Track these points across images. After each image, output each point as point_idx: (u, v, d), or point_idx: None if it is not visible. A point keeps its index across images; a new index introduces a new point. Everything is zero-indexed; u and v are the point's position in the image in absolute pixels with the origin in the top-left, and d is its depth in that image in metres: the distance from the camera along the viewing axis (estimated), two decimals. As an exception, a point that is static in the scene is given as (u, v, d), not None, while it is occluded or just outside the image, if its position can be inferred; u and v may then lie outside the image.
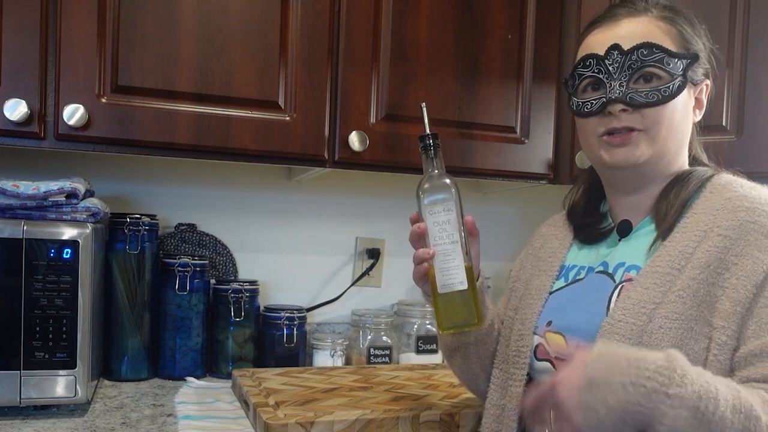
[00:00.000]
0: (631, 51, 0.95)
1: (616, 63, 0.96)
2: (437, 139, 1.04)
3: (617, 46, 0.96)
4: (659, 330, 0.85)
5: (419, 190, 1.02)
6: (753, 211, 0.88)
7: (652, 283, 0.89)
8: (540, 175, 1.61)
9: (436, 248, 0.99)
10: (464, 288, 0.98)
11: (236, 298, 1.56)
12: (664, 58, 0.94)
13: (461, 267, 0.98)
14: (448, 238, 0.99)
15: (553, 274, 1.06)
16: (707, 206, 0.93)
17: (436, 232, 0.99)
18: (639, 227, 1.00)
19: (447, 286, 0.99)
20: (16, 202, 1.22)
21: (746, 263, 0.85)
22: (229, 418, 1.23)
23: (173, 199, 1.69)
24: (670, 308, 0.86)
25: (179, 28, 1.31)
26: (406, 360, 1.73)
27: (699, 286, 0.86)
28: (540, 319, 1.02)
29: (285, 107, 1.39)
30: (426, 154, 1.04)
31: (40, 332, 1.18)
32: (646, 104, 0.94)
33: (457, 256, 0.98)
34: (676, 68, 0.94)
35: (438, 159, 1.03)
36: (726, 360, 0.83)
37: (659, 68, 0.94)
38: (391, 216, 1.87)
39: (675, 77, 0.94)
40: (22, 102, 1.20)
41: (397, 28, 1.46)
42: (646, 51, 0.94)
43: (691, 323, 0.85)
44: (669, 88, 0.94)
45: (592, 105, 0.98)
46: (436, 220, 0.99)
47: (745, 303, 0.83)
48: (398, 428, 1.14)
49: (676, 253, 0.90)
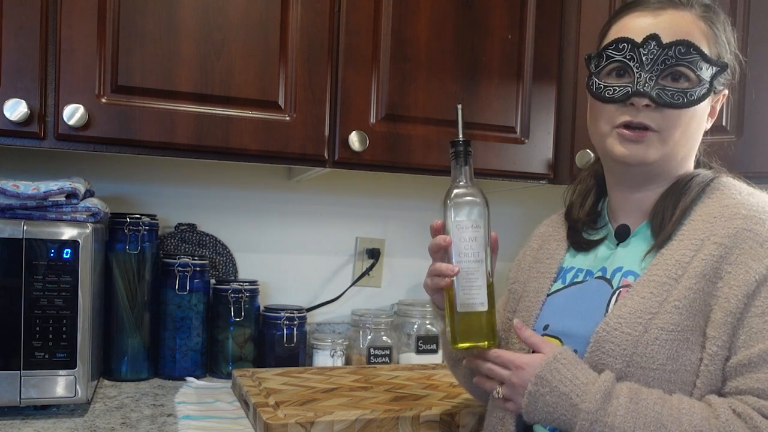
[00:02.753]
0: (669, 45, 0.91)
1: (651, 54, 0.92)
2: (469, 146, 0.98)
3: (656, 36, 0.92)
4: (655, 341, 0.85)
5: (448, 200, 0.96)
6: (750, 219, 0.87)
7: (648, 292, 0.88)
8: (540, 175, 1.61)
9: (461, 265, 0.94)
10: (484, 310, 0.94)
11: (236, 298, 1.56)
12: (699, 61, 0.91)
13: (484, 287, 0.94)
14: (473, 256, 0.94)
15: (551, 276, 1.05)
16: (705, 213, 0.91)
17: (462, 248, 0.94)
18: (636, 232, 0.99)
19: (467, 306, 0.94)
20: (16, 202, 1.22)
21: (739, 272, 0.84)
22: (229, 418, 1.23)
23: (173, 199, 1.69)
24: (665, 319, 0.85)
25: (179, 27, 1.31)
26: (406, 360, 1.73)
27: (695, 296, 0.85)
28: (537, 322, 1.02)
29: (285, 107, 1.39)
30: (456, 161, 0.97)
31: (40, 332, 1.18)
32: (671, 104, 0.91)
33: (481, 276, 0.94)
34: (706, 74, 0.92)
35: (469, 167, 0.97)
36: (717, 371, 0.83)
37: (691, 70, 0.91)
38: (391, 216, 1.87)
39: (703, 83, 0.92)
40: (22, 102, 1.20)
41: (397, 28, 1.46)
42: (684, 49, 0.91)
43: (686, 334, 0.84)
44: (696, 92, 0.91)
45: (614, 91, 0.94)
46: (463, 236, 0.94)
47: (736, 313, 0.83)
48: (398, 428, 1.14)
49: (673, 262, 0.89)
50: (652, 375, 0.84)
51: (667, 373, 0.84)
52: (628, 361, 0.86)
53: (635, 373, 0.85)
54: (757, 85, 1.36)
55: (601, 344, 0.88)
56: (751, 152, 1.36)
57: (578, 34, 1.55)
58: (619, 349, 0.86)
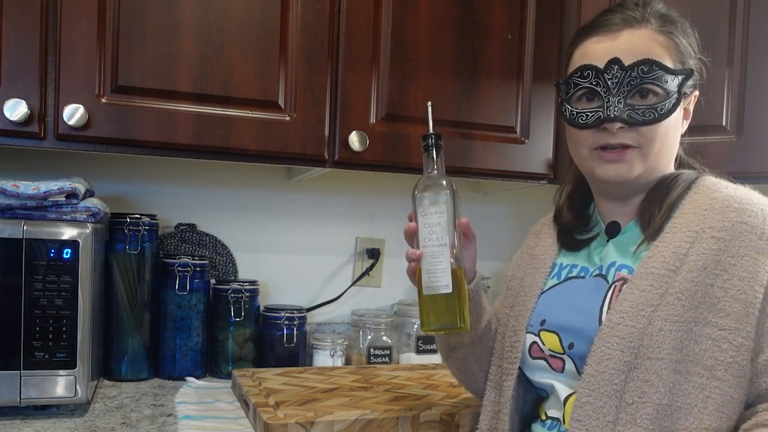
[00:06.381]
0: (631, 67, 0.93)
1: (616, 78, 0.94)
2: (440, 140, 1.03)
3: (617, 60, 0.94)
4: (659, 333, 0.86)
5: (415, 189, 1.01)
6: (743, 212, 0.89)
7: (648, 285, 0.89)
8: (540, 175, 1.61)
9: (424, 249, 0.99)
10: (448, 291, 0.97)
11: (236, 298, 1.56)
12: (663, 76, 0.93)
13: (447, 270, 0.97)
14: (437, 241, 0.98)
15: (546, 271, 1.07)
16: (695, 206, 0.93)
17: (426, 233, 0.99)
18: (626, 229, 1.00)
19: (431, 288, 0.98)
20: (16, 202, 1.22)
21: (746, 264, 0.86)
22: (229, 418, 1.23)
23: (173, 199, 1.69)
24: (668, 310, 0.87)
25: (179, 28, 1.31)
26: (406, 360, 1.73)
27: (696, 288, 0.87)
28: (533, 316, 1.03)
29: (285, 107, 1.39)
30: (427, 153, 1.03)
31: (40, 332, 1.18)
32: (644, 122, 0.93)
33: (444, 259, 0.97)
34: (673, 85, 0.94)
35: (439, 159, 1.02)
36: (744, 361, 0.85)
37: (657, 85, 0.93)
38: (391, 216, 1.87)
39: (671, 94, 0.94)
40: (22, 102, 1.20)
41: (397, 28, 1.46)
42: (646, 68, 0.93)
43: (690, 325, 0.86)
44: (665, 105, 0.93)
45: (587, 117, 0.96)
46: (427, 222, 0.99)
47: (756, 304, 0.85)
48: (398, 428, 1.14)
49: (669, 254, 0.90)
50: (659, 365, 0.85)
51: (674, 363, 0.85)
52: (636, 353, 0.87)
53: (643, 364, 0.86)
54: (757, 85, 1.36)
55: (607, 340, 0.89)
56: (751, 152, 1.36)
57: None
58: (624, 342, 0.87)
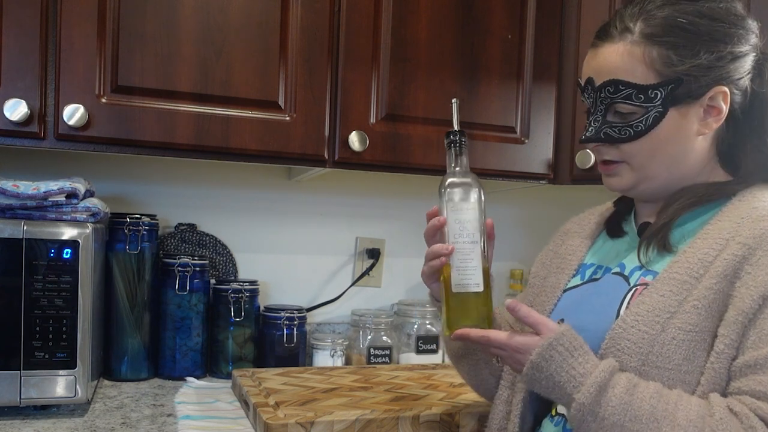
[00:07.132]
0: (600, 88, 0.92)
1: (591, 98, 0.94)
2: (464, 137, 1.00)
3: (591, 80, 0.94)
4: (672, 341, 0.83)
5: (442, 186, 0.98)
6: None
7: (668, 290, 0.86)
8: (540, 175, 1.61)
9: (456, 245, 0.95)
10: (479, 290, 0.94)
11: (236, 298, 1.56)
12: (633, 94, 0.90)
13: (479, 268, 0.94)
14: (468, 237, 0.95)
15: (570, 271, 1.04)
16: (732, 214, 0.89)
17: (457, 229, 0.95)
18: None
19: (462, 286, 0.94)
20: (16, 202, 1.22)
21: (759, 273, 0.82)
22: (229, 418, 1.23)
23: (173, 199, 1.69)
24: (684, 319, 0.84)
25: (179, 27, 1.31)
26: (406, 360, 1.73)
27: (715, 296, 0.84)
28: (552, 316, 1.01)
29: (285, 107, 1.39)
30: (452, 150, 1.00)
31: (40, 332, 1.18)
32: (620, 140, 0.92)
33: (476, 257, 0.95)
34: (651, 99, 0.90)
35: (463, 156, 1.00)
36: (722, 369, 0.82)
37: (628, 104, 0.91)
38: (391, 216, 1.87)
39: (651, 108, 0.90)
40: (22, 102, 1.20)
41: (397, 28, 1.46)
42: (612, 88, 0.91)
43: (704, 335, 0.83)
44: (643, 122, 0.90)
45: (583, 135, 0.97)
46: (458, 218, 0.96)
47: (749, 313, 0.81)
48: (398, 428, 1.14)
49: (696, 261, 0.87)
50: (668, 375, 0.83)
51: (683, 373, 0.83)
52: (644, 360, 0.84)
53: (650, 372, 0.84)
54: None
55: (617, 341, 0.87)
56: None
57: (578, 34, 1.55)
58: (635, 347, 0.85)
